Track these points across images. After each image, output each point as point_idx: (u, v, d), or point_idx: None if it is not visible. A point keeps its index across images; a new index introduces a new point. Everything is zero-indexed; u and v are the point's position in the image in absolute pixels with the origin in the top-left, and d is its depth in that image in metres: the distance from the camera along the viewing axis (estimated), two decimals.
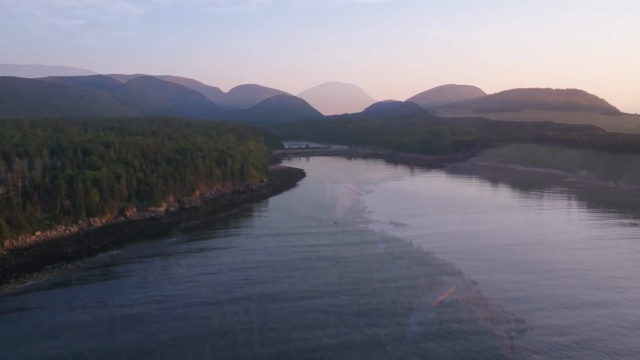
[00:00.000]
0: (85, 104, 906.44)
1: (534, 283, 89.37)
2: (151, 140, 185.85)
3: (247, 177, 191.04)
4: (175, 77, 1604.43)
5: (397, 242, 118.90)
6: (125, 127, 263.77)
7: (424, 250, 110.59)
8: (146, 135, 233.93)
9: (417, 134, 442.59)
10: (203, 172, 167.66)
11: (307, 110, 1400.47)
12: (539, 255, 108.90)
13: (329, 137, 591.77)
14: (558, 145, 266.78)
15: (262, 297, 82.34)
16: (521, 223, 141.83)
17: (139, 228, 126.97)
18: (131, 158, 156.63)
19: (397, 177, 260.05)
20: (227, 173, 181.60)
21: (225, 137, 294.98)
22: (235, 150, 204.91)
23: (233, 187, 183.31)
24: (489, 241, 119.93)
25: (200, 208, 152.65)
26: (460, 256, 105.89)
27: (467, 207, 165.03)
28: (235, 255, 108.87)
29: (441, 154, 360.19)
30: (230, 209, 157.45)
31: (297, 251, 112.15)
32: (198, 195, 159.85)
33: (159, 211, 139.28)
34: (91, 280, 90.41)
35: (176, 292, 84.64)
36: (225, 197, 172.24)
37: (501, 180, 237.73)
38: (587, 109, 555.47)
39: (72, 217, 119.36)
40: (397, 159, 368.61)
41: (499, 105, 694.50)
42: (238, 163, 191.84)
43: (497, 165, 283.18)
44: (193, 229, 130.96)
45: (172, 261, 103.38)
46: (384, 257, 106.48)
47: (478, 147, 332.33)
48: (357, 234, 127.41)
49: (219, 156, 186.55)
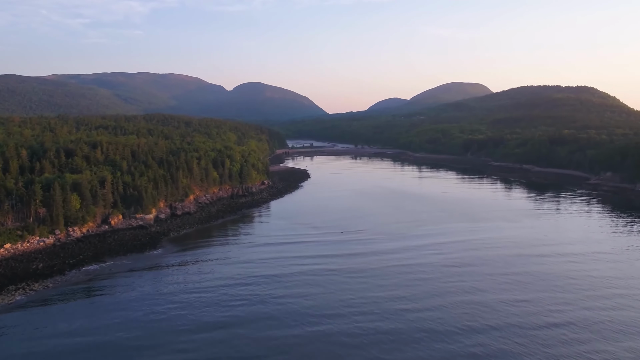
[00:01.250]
0: (87, 102, 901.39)
1: (578, 304, 75.99)
2: (143, 139, 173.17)
3: (247, 179, 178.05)
4: (179, 75, 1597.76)
5: (411, 252, 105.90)
6: (120, 126, 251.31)
7: (441, 263, 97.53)
8: (141, 134, 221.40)
9: (424, 133, 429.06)
10: (198, 174, 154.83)
11: (311, 108, 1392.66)
12: (573, 269, 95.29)
13: (334, 136, 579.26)
14: (576, 145, 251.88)
15: (264, 321, 70.15)
16: (547, 231, 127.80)
17: (124, 238, 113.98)
18: (119, 159, 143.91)
19: (406, 178, 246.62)
20: (224, 175, 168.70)
21: (226, 136, 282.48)
22: (234, 151, 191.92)
23: (231, 191, 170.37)
24: (514, 252, 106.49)
25: (194, 214, 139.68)
26: (484, 270, 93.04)
27: (484, 212, 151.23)
28: (232, 268, 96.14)
29: (451, 153, 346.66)
30: (227, 215, 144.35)
31: (301, 263, 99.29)
32: (192, 200, 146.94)
33: (147, 218, 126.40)
34: (59, 302, 77.60)
35: (160, 316, 72.12)
36: (222, 202, 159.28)
37: (517, 182, 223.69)
38: (599, 107, 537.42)
39: (47, 227, 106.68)
40: (405, 159, 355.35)
41: (507, 103, 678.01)
42: (237, 164, 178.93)
43: (511, 166, 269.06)
44: (184, 239, 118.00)
45: (157, 277, 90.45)
46: (399, 271, 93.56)
47: (490, 146, 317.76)
48: (366, 244, 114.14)
49: (217, 157, 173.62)
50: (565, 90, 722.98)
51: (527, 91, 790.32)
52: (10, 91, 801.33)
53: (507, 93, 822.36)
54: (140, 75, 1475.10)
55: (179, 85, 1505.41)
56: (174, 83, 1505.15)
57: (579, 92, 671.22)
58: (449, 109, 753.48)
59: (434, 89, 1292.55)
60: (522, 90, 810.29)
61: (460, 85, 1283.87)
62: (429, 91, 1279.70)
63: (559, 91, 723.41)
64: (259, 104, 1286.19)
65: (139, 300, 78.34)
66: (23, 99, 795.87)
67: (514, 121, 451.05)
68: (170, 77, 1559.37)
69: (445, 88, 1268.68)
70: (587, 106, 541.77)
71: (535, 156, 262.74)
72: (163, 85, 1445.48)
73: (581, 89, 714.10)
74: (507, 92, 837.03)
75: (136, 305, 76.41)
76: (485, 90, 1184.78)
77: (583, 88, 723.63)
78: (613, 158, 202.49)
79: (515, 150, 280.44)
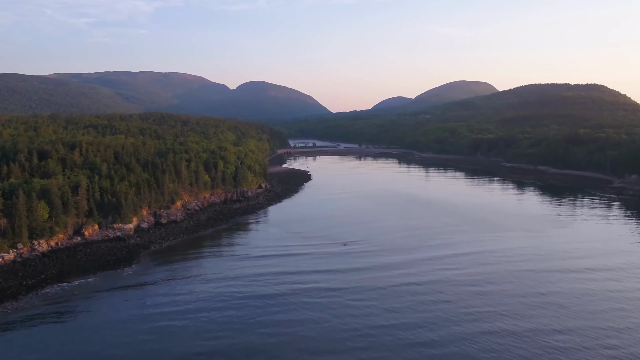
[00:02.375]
0: (88, 101, 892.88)
1: (633, 336, 62.32)
2: (130, 140, 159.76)
3: (242, 182, 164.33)
4: (182, 74, 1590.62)
5: (423, 267, 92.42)
6: (112, 125, 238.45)
7: (460, 281, 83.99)
8: (132, 133, 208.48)
9: (431, 132, 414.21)
10: (187, 178, 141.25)
11: (315, 107, 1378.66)
12: (615, 288, 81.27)
13: (338, 135, 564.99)
14: (595, 145, 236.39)
15: (254, 356, 57.77)
16: (575, 240, 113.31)
17: (97, 252, 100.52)
18: (100, 162, 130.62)
19: (413, 180, 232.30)
20: (217, 179, 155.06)
21: (224, 135, 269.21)
22: (229, 152, 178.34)
23: (225, 195, 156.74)
24: (542, 266, 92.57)
25: (180, 223, 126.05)
26: (511, 290, 79.93)
27: (501, 219, 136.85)
28: (216, 287, 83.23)
29: (459, 153, 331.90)
30: (219, 223, 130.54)
31: (298, 281, 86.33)
32: (179, 207, 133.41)
33: (126, 229, 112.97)
34: (5, 331, 64.52)
35: (121, 350, 59.09)
36: (214, 208, 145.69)
37: (533, 184, 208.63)
38: (611, 105, 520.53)
39: (8, 240, 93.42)
40: (411, 159, 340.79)
41: (515, 101, 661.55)
42: (231, 166, 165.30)
43: (525, 167, 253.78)
44: (167, 252, 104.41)
45: (125, 300, 77.24)
46: (410, 291, 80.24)
47: (501, 146, 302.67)
48: (371, 256, 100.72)
49: (209, 159, 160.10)
50: (574, 88, 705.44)
51: (535, 89, 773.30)
52: (10, 90, 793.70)
53: (514, 91, 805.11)
54: (143, 74, 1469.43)
55: (181, 84, 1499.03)
56: (176, 82, 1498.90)
57: (589, 90, 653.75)
58: (455, 107, 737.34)
59: (439, 88, 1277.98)
60: (530, 88, 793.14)
61: (466, 84, 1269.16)
62: (434, 90, 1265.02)
63: (568, 89, 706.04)
64: (262, 102, 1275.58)
65: (98, 330, 65.25)
66: (23, 98, 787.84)
67: (524, 120, 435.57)
68: (173, 76, 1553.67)
69: (450, 87, 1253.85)
70: (598, 104, 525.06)
71: (550, 157, 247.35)
72: (166, 84, 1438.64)
73: (591, 87, 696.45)
74: (514, 90, 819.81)
75: (94, 336, 63.39)
76: (490, 88, 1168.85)
77: (593, 86, 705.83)
78: (638, 159, 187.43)
79: (529, 150, 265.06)
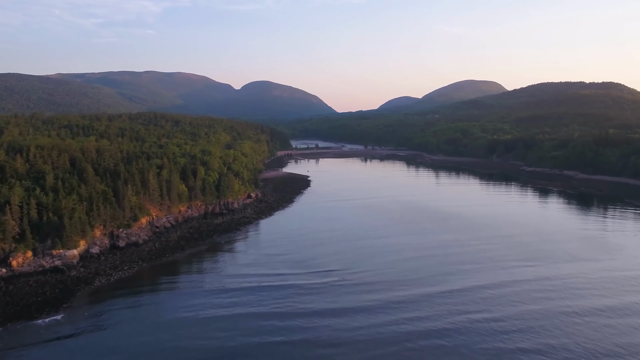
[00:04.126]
0: (88, 101, 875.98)
1: None
2: (91, 143, 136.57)
3: (227, 192, 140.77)
4: (186, 73, 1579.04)
5: (446, 308, 69.09)
6: (91, 125, 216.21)
7: (487, 327, 60.51)
8: (110, 135, 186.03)
9: (442, 132, 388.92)
10: (157, 188, 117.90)
11: (320, 107, 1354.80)
12: None
13: (343, 135, 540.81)
14: (629, 147, 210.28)
15: None
16: (637, 269, 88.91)
17: (21, 291, 77.36)
18: (49, 170, 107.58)
19: (425, 186, 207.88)
20: (196, 188, 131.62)
21: (216, 136, 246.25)
22: (214, 156, 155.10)
23: (205, 208, 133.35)
24: (604, 303, 68.12)
25: (143, 246, 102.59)
26: (568, 343, 55.97)
27: (535, 240, 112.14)
28: (163, 344, 60.73)
29: (474, 155, 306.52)
30: (191, 245, 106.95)
31: (277, 329, 64.95)
32: (145, 225, 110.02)
33: (69, 256, 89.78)
34: None
35: None
36: (190, 224, 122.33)
37: (562, 193, 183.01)
38: (632, 104, 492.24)
39: None
40: (421, 162, 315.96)
41: (528, 100, 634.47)
42: (214, 173, 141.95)
43: (549, 172, 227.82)
44: (113, 288, 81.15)
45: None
46: (431, 349, 56.98)
47: (520, 147, 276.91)
48: (376, 292, 78.40)
49: (187, 164, 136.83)
50: (590, 87, 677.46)
51: (547, 88, 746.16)
52: (8, 90, 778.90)
53: (526, 90, 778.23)
54: (146, 74, 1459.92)
55: (186, 84, 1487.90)
56: (180, 82, 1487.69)
57: (607, 89, 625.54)
58: (465, 106, 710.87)
59: (447, 87, 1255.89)
60: (543, 87, 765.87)
61: (474, 83, 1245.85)
62: (442, 89, 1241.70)
63: (583, 87, 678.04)
64: (266, 102, 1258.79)
65: None
66: (21, 98, 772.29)
67: (540, 119, 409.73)
68: (177, 76, 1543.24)
69: (458, 86, 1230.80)
70: (618, 103, 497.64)
71: (578, 160, 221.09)
72: (169, 83, 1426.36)
73: (608, 85, 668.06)
74: (525, 89, 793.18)
75: None
76: (499, 88, 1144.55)
77: (610, 84, 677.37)
78: None
79: (552, 152, 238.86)
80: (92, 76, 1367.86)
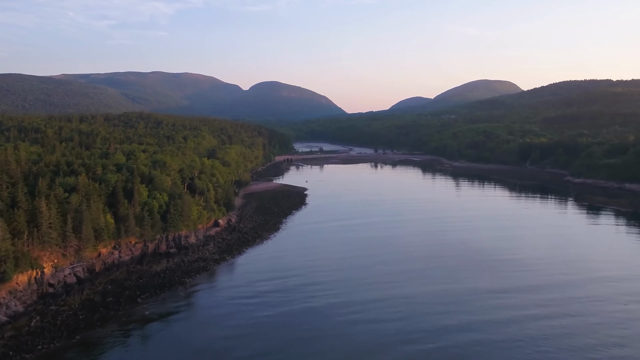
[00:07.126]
0: (88, 101, 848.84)
1: None
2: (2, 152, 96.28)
3: (178, 222, 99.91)
4: (193, 74, 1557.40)
5: None
6: (38, 128, 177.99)
7: None
8: (49, 139, 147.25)
9: (462, 134, 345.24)
10: (57, 224, 77.45)
11: (330, 108, 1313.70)
12: None
13: (351, 138, 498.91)
14: None
15: None
16: None
17: None
18: None
19: (446, 202, 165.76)
20: (130, 218, 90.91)
21: (197, 140, 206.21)
22: (171, 169, 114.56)
23: (143, 247, 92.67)
24: None
25: (6, 326, 62.04)
26: None
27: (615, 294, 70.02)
28: None
29: (503, 162, 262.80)
30: (86, 326, 65.34)
31: None
32: (22, 286, 69.50)
33: None
34: None
35: None
36: (112, 274, 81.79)
37: (628, 214, 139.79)
38: None
39: None
40: (440, 169, 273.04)
41: (552, 99, 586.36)
42: (162, 195, 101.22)
43: (604, 185, 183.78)
44: None
45: None
46: None
47: (558, 154, 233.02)
48: None
49: (118, 183, 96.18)
50: (618, 84, 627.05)
51: (571, 86, 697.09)
52: (4, 90, 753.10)
53: (548, 88, 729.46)
54: (153, 75, 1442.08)
55: (192, 84, 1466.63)
56: (187, 82, 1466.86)
57: (638, 86, 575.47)
58: (482, 106, 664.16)
59: (460, 87, 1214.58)
60: (566, 85, 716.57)
61: (488, 83, 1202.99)
62: (455, 89, 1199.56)
63: (611, 85, 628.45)
64: (274, 103, 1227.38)
65: None
66: (17, 98, 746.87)
67: (570, 119, 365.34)
68: (184, 77, 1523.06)
69: (473, 86, 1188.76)
70: None
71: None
72: (176, 84, 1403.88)
73: (638, 83, 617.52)
74: (547, 87, 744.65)
75: None
76: (514, 87, 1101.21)
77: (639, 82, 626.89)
78: None
79: (605, 160, 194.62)
80: (97, 77, 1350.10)
